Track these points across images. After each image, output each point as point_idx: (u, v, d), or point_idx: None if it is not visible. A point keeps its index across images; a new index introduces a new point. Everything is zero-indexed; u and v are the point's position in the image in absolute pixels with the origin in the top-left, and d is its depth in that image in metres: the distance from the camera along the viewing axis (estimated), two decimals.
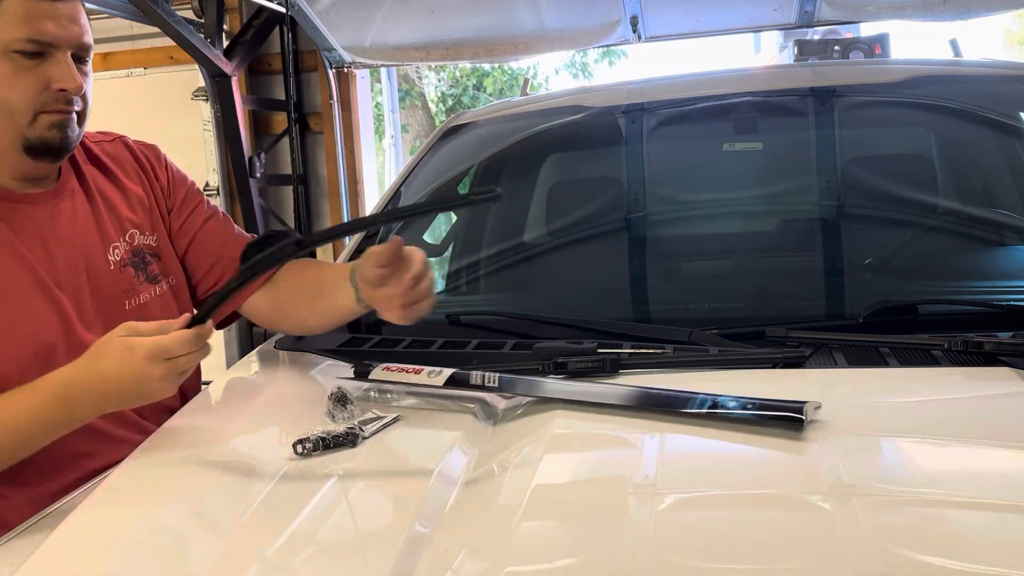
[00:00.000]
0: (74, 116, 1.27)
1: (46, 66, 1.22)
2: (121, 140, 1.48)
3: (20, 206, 1.28)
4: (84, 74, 1.27)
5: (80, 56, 1.27)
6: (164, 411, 1.29)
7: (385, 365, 1.22)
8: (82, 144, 1.39)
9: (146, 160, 1.48)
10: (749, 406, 0.99)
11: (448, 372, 1.17)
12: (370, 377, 1.21)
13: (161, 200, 1.46)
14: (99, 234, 1.35)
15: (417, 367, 1.20)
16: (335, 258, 2.98)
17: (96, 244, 1.34)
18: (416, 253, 1.23)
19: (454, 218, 2.25)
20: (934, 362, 1.17)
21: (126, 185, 1.43)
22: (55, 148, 1.26)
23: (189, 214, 1.48)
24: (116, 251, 1.36)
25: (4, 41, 1.19)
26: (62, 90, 1.23)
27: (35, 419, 1.11)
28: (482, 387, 1.15)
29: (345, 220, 4.54)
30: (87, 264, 1.31)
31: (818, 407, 0.98)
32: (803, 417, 0.95)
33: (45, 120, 1.24)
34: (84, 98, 1.28)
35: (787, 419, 0.96)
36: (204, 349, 1.11)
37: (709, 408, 1.00)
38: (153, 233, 1.43)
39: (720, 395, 1.02)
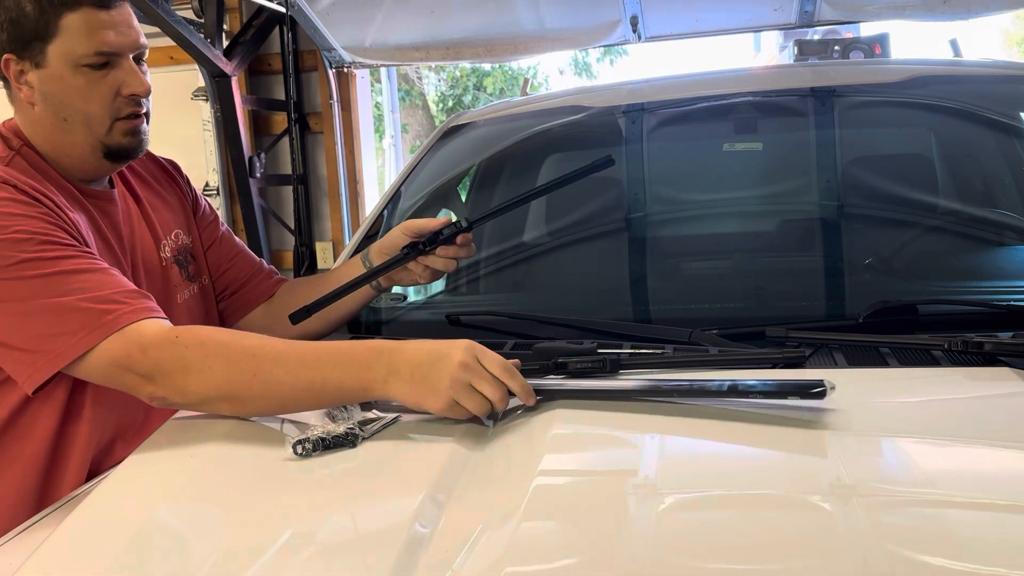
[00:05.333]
0: (144, 120, 1.34)
1: (114, 74, 1.28)
2: (147, 152, 1.55)
3: (99, 202, 1.35)
4: (144, 73, 1.32)
5: (139, 57, 1.32)
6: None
7: None
8: None
9: (173, 170, 1.58)
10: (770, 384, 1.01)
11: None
12: None
13: (189, 207, 1.56)
14: (151, 233, 1.44)
15: None
16: (335, 258, 2.98)
17: (150, 241, 1.43)
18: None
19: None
20: (934, 362, 1.17)
21: (162, 192, 1.52)
22: (132, 152, 1.34)
23: (210, 223, 1.58)
24: (165, 248, 1.45)
25: (73, 57, 1.25)
26: (132, 95, 1.29)
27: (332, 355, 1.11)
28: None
29: (345, 220, 4.56)
30: (144, 259, 1.40)
31: (833, 388, 0.99)
32: (824, 386, 0.97)
33: (120, 127, 1.30)
34: (149, 98, 1.34)
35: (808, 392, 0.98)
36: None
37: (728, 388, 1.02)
38: (189, 235, 1.52)
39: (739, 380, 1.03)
